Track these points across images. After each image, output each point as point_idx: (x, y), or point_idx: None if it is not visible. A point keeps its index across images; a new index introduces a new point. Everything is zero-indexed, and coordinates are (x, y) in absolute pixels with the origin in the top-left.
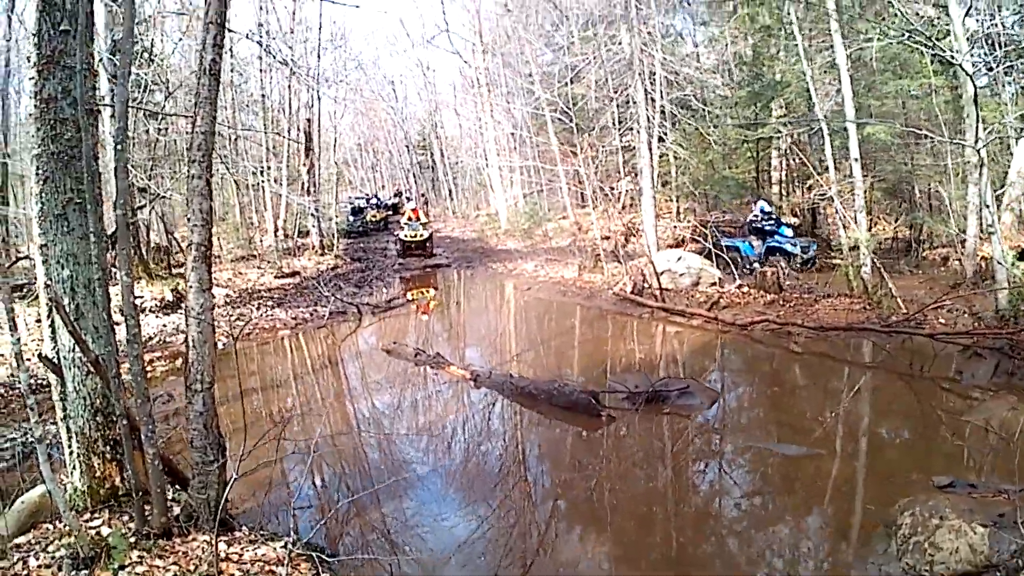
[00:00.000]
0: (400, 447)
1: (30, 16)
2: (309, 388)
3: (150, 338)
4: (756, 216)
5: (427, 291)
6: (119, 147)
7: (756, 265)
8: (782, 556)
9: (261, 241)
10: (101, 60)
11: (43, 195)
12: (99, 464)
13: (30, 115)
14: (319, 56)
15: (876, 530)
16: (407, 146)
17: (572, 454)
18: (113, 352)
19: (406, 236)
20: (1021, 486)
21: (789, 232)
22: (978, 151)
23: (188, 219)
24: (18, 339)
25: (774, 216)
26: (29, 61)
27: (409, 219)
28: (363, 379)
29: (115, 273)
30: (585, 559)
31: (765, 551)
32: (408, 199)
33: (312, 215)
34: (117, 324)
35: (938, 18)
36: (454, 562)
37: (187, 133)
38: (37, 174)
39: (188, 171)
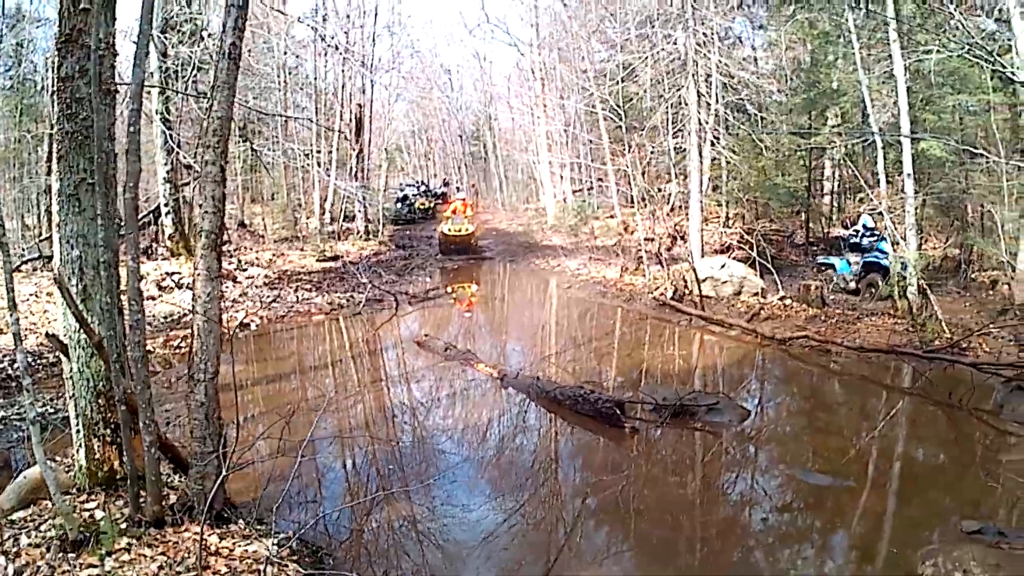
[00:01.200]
0: (423, 441)
1: None
2: (341, 375)
3: (184, 314)
4: (857, 231)
5: (467, 284)
6: (131, 129)
7: (852, 284)
8: None
9: (307, 223)
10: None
11: (59, 173)
12: (99, 446)
13: (52, 93)
14: (374, 42)
15: None
16: (460, 136)
17: (591, 462)
18: (118, 335)
19: (448, 230)
20: None
21: (888, 247)
22: None
23: (199, 205)
24: (17, 319)
25: (876, 231)
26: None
27: (455, 211)
28: (390, 370)
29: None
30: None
31: None
32: (458, 189)
33: (359, 200)
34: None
35: (999, 33)
36: (478, 554)
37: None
38: (56, 152)
39: (202, 156)
